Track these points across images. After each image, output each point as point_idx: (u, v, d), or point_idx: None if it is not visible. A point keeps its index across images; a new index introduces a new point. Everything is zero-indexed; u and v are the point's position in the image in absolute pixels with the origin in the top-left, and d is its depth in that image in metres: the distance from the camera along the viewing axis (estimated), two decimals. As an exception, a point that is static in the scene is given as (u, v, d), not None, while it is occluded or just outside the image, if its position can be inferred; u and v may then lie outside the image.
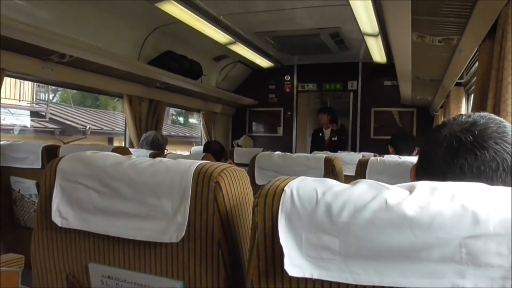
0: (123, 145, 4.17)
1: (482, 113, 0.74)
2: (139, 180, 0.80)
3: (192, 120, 10.78)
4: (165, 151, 3.73)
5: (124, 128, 4.23)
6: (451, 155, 0.69)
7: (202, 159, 2.44)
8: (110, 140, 7.52)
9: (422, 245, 0.51)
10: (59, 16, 2.98)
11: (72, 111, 7.78)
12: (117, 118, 8.26)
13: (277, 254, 0.60)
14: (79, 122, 7.34)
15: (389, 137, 5.43)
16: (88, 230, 0.85)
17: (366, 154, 3.39)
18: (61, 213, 0.87)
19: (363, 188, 0.57)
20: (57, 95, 8.26)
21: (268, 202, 0.60)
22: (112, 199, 0.82)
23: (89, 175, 0.85)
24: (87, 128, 7.03)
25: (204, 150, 3.36)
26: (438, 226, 0.50)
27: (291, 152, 5.37)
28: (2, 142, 2.60)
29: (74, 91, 6.80)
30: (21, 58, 2.74)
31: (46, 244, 0.90)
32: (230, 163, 2.97)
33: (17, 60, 2.72)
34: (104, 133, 7.60)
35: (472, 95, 3.61)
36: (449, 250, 0.50)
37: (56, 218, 0.87)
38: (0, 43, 2.26)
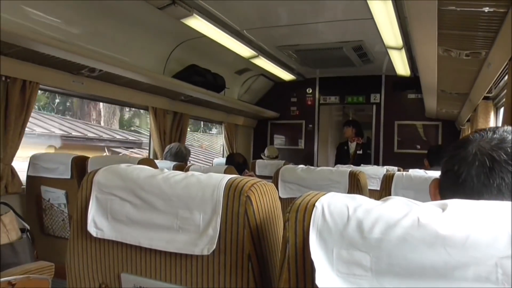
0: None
1: (506, 128, 0.72)
2: (172, 193, 0.83)
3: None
4: (188, 162, 3.79)
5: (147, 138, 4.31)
6: (486, 175, 0.68)
7: (225, 171, 2.47)
8: None
9: (457, 264, 0.50)
10: (90, 32, 3.09)
11: None
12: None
13: (308, 269, 0.61)
14: None
15: (413, 151, 5.38)
16: (122, 241, 0.88)
17: (390, 168, 3.35)
18: (96, 223, 0.90)
19: (395, 205, 0.58)
20: None
21: (299, 217, 0.61)
22: (146, 211, 0.85)
23: (123, 187, 0.88)
24: None
25: (227, 162, 3.39)
26: (473, 245, 0.50)
27: (312, 164, 5.34)
28: (34, 153, 2.70)
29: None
30: (54, 73, 2.85)
31: (81, 253, 0.93)
32: (251, 175, 2.99)
33: (50, 75, 2.83)
34: None
35: (502, 110, 3.54)
36: (485, 269, 0.49)
37: (91, 229, 0.90)
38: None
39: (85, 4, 2.89)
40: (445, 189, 0.75)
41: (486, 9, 1.71)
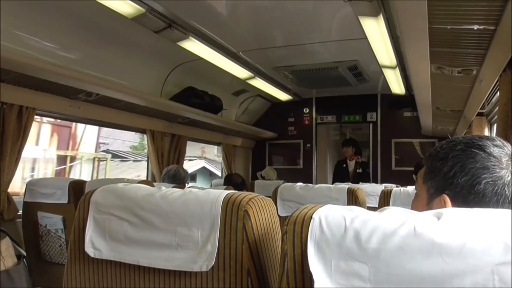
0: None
1: (497, 141, 0.76)
2: (170, 210, 0.83)
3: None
4: (186, 185, 3.77)
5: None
6: None
7: (224, 192, 2.45)
8: None
9: (454, 272, 0.51)
10: (86, 57, 3.10)
11: None
12: None
13: (307, 281, 0.60)
14: None
15: (411, 168, 5.37)
16: (120, 261, 0.87)
17: (389, 185, 3.35)
18: (94, 244, 0.89)
19: (391, 215, 0.58)
20: None
21: (297, 229, 0.62)
22: (144, 229, 0.85)
23: (121, 206, 0.88)
24: None
25: (225, 183, 3.38)
26: (469, 253, 0.50)
27: (311, 184, 5.31)
28: (31, 178, 2.68)
29: None
30: (51, 98, 2.85)
31: (79, 274, 0.92)
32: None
33: (47, 100, 2.83)
34: None
35: (495, 125, 3.57)
36: (482, 277, 0.49)
37: (89, 249, 0.90)
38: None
39: (81, 29, 2.91)
40: (460, 197, 0.75)
41: (476, 27, 1.75)
